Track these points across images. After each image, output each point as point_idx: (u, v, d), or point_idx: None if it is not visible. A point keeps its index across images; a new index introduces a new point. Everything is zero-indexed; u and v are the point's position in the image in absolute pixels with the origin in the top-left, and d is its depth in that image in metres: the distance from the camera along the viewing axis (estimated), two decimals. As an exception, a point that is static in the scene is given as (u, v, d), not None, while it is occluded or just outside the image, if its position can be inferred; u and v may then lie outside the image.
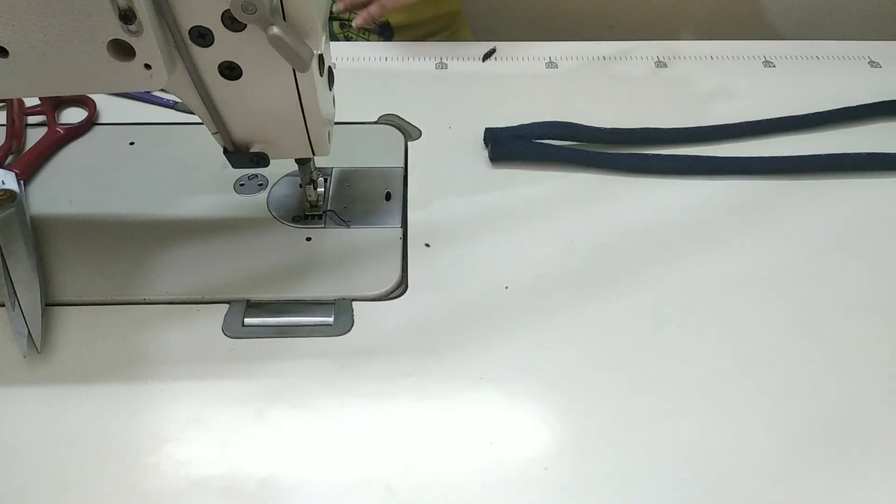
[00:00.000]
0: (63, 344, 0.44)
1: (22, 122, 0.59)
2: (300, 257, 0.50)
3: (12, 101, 0.59)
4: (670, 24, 1.07)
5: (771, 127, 0.62)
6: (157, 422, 0.41)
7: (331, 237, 0.52)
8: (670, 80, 0.68)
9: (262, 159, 0.46)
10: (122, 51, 0.37)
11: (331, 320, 0.46)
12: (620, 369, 0.44)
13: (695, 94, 0.66)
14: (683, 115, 0.63)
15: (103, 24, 0.35)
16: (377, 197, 0.55)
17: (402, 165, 0.58)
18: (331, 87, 0.47)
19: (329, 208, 0.54)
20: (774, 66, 0.70)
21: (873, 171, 0.58)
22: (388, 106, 0.60)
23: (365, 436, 0.41)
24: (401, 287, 0.49)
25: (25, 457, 0.39)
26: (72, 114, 0.62)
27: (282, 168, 0.56)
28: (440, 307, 0.47)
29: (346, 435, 0.41)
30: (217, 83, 0.41)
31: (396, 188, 0.55)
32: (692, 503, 0.38)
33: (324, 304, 0.47)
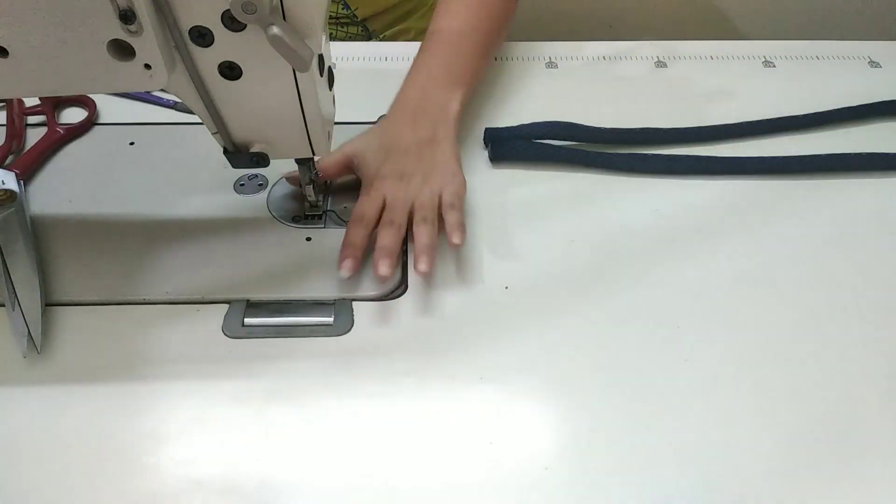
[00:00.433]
0: (63, 344, 0.44)
1: (22, 122, 0.59)
2: (300, 257, 0.50)
3: (12, 101, 0.59)
4: (670, 24, 1.07)
5: (770, 127, 0.62)
6: (157, 422, 0.41)
7: (331, 237, 0.51)
8: (670, 80, 0.68)
9: (262, 159, 0.46)
10: (122, 51, 0.37)
11: (331, 320, 0.46)
12: (620, 369, 0.44)
13: (695, 94, 0.66)
14: (683, 115, 0.63)
15: (103, 24, 0.35)
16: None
17: (402, 165, 0.58)
18: (331, 87, 0.47)
19: (329, 208, 0.54)
20: (774, 66, 0.70)
21: (873, 171, 0.58)
22: (388, 106, 0.59)
23: (365, 436, 0.41)
24: (401, 287, 0.49)
25: (25, 457, 0.39)
26: (72, 114, 0.62)
27: (282, 168, 0.56)
28: (440, 307, 0.47)
29: (346, 435, 0.41)
30: (217, 83, 0.41)
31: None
32: (692, 503, 0.38)
33: (324, 304, 0.47)
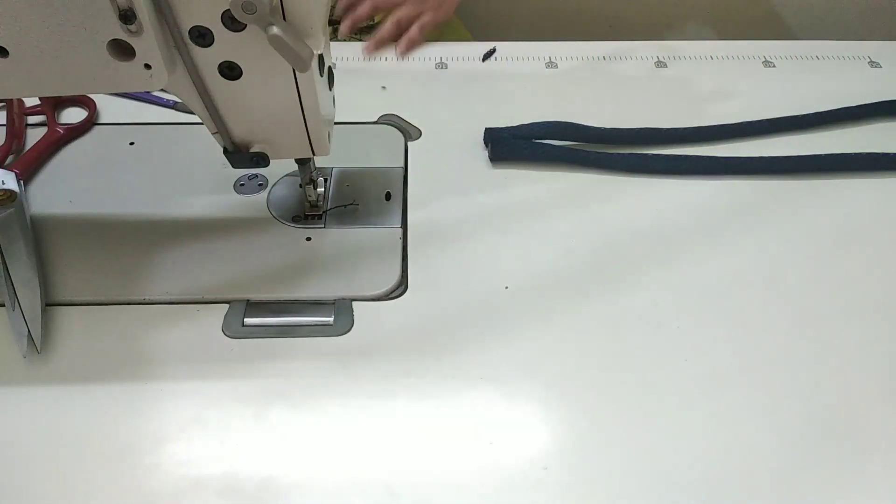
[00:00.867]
0: (63, 344, 0.44)
1: (22, 122, 0.59)
2: (300, 257, 0.50)
3: (12, 101, 0.59)
4: (670, 24, 1.07)
5: (770, 127, 0.62)
6: (157, 422, 0.41)
7: (331, 237, 0.51)
8: (670, 80, 0.68)
9: (262, 159, 0.46)
10: (122, 51, 0.37)
11: (331, 320, 0.46)
12: (620, 369, 0.44)
13: (695, 94, 0.66)
14: (683, 115, 0.63)
15: (103, 24, 0.35)
16: (377, 197, 0.55)
17: (402, 165, 0.58)
18: (331, 87, 0.47)
19: (329, 208, 0.54)
20: (774, 66, 0.70)
21: (874, 171, 0.58)
22: (388, 106, 0.60)
23: (365, 436, 0.41)
24: (401, 287, 0.49)
25: (25, 457, 0.39)
26: (72, 114, 0.62)
27: (282, 168, 0.56)
28: (440, 307, 0.47)
29: (346, 435, 0.41)
30: (217, 83, 0.41)
31: (396, 188, 0.55)
32: (692, 502, 0.38)
33: (324, 304, 0.47)
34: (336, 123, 0.49)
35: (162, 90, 0.40)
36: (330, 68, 0.46)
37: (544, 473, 0.39)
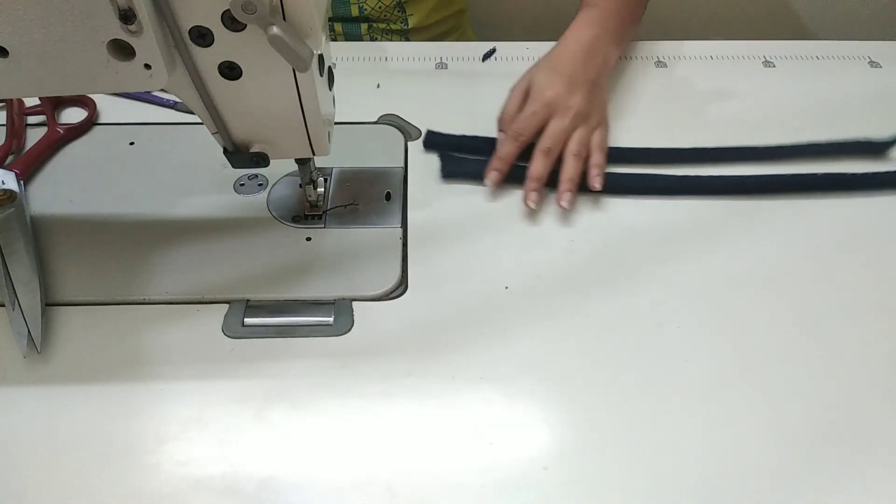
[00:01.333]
0: (63, 344, 0.44)
1: (22, 122, 0.59)
2: (300, 257, 0.50)
3: (12, 101, 0.59)
4: (670, 24, 1.07)
5: (742, 155, 0.59)
6: (157, 422, 0.41)
7: (331, 237, 0.51)
8: (670, 80, 0.68)
9: (262, 159, 0.46)
10: (122, 51, 0.37)
11: (331, 320, 0.46)
12: (620, 369, 0.44)
13: (695, 94, 0.66)
14: (683, 115, 0.63)
15: (103, 24, 0.35)
16: (377, 197, 0.55)
17: (402, 165, 0.58)
18: (331, 87, 0.47)
19: (329, 208, 0.54)
20: (774, 66, 0.70)
21: (866, 191, 0.56)
22: (388, 106, 0.59)
23: (365, 436, 0.41)
24: (401, 287, 0.49)
25: (25, 457, 0.39)
26: (72, 114, 0.62)
27: (282, 168, 0.56)
28: (440, 307, 0.47)
29: (346, 435, 0.41)
30: (217, 83, 0.41)
31: (396, 188, 0.55)
32: (692, 503, 0.38)
33: (324, 304, 0.47)
34: (336, 123, 0.49)
35: (162, 90, 0.40)
36: (330, 68, 0.46)
37: (544, 473, 0.39)
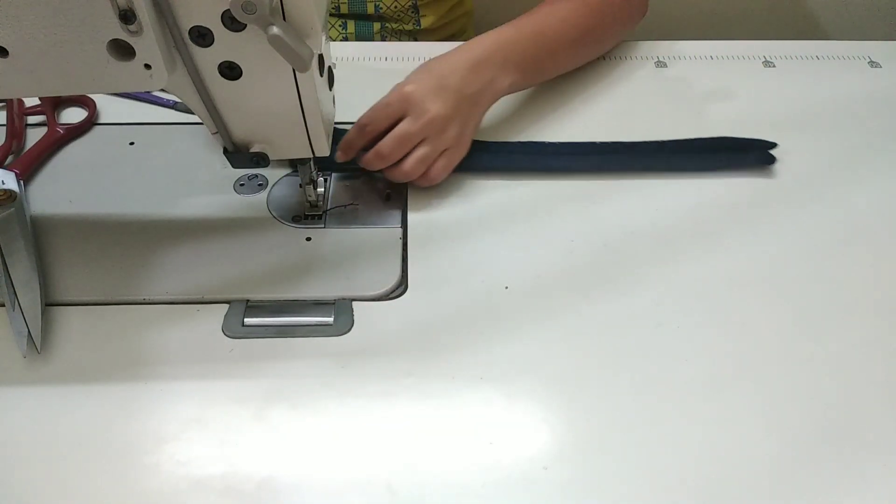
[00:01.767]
0: (63, 344, 0.44)
1: (22, 122, 0.59)
2: (300, 257, 0.50)
3: (12, 101, 0.59)
4: (670, 24, 1.07)
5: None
6: (157, 422, 0.41)
7: (331, 237, 0.51)
8: (670, 80, 0.68)
9: (262, 159, 0.46)
10: (122, 51, 0.37)
11: (331, 320, 0.46)
12: (620, 369, 0.44)
13: (695, 94, 0.66)
14: (683, 115, 0.63)
15: (103, 24, 0.35)
16: (377, 197, 0.55)
17: (402, 165, 0.58)
18: (331, 87, 0.47)
19: (329, 208, 0.54)
20: (774, 66, 0.70)
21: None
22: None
23: (365, 436, 0.41)
24: (401, 287, 0.49)
25: (25, 457, 0.39)
26: (72, 114, 0.62)
27: (282, 168, 0.56)
28: (440, 307, 0.47)
29: (346, 435, 0.41)
30: (217, 83, 0.41)
31: (396, 188, 0.55)
32: (692, 503, 0.38)
33: (324, 304, 0.47)
34: (336, 123, 0.49)
35: (162, 90, 0.40)
36: (330, 68, 0.46)
37: (544, 473, 0.39)
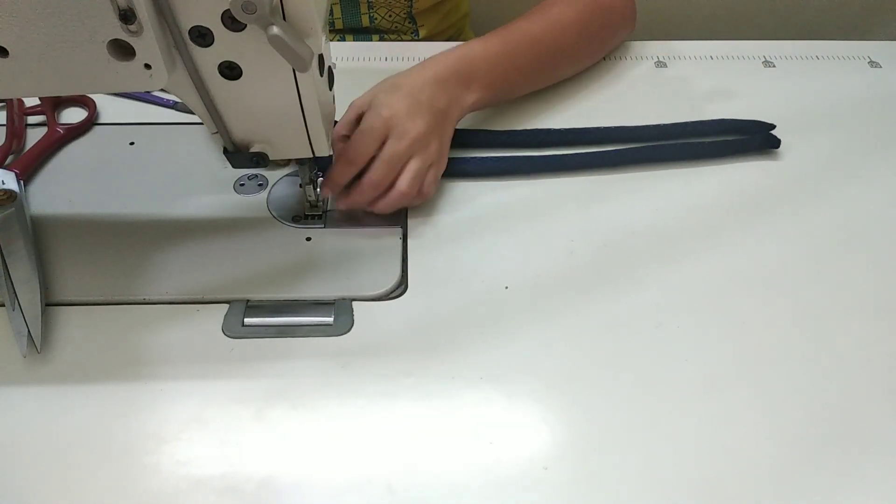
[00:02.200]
0: (63, 344, 0.44)
1: (22, 122, 0.59)
2: (300, 257, 0.50)
3: (12, 101, 0.59)
4: (670, 24, 1.07)
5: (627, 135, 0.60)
6: (157, 422, 0.41)
7: (331, 237, 0.51)
8: (670, 80, 0.68)
9: (262, 159, 0.46)
10: (122, 51, 0.37)
11: (331, 320, 0.46)
12: (620, 369, 0.44)
13: (695, 94, 0.66)
14: (683, 115, 0.63)
15: (103, 24, 0.35)
16: (377, 197, 0.55)
17: (402, 165, 0.58)
18: (331, 87, 0.47)
19: (329, 208, 0.54)
20: (774, 66, 0.70)
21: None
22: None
23: (365, 436, 0.41)
24: (401, 287, 0.49)
25: (25, 457, 0.39)
26: (72, 114, 0.62)
27: (282, 168, 0.56)
28: (440, 307, 0.47)
29: (346, 435, 0.41)
30: (217, 83, 0.41)
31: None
32: (692, 503, 0.38)
33: (324, 304, 0.47)
34: (336, 123, 0.49)
35: (162, 90, 0.40)
36: (330, 68, 0.46)
37: (544, 473, 0.39)
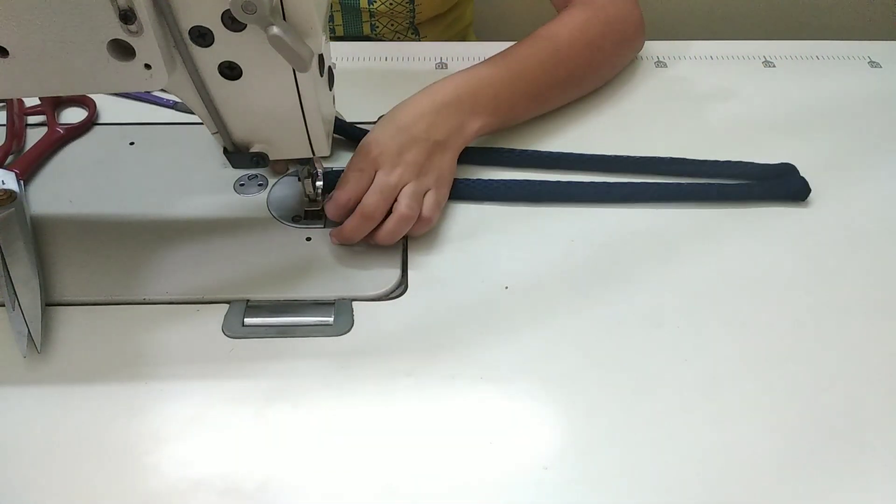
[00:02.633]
0: (63, 344, 0.44)
1: (22, 122, 0.59)
2: (300, 257, 0.50)
3: (12, 101, 0.59)
4: (670, 24, 1.07)
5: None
6: (157, 422, 0.41)
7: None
8: (670, 80, 0.68)
9: (262, 159, 0.46)
10: (122, 51, 0.37)
11: (331, 320, 0.46)
12: (620, 369, 0.44)
13: (695, 94, 0.66)
14: (683, 116, 0.63)
15: (103, 24, 0.35)
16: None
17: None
18: (331, 87, 0.47)
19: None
20: (774, 66, 0.70)
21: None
22: (388, 106, 0.59)
23: (365, 436, 0.41)
24: (401, 287, 0.49)
25: (25, 457, 0.39)
26: (72, 114, 0.62)
27: (280, 175, 0.56)
28: (440, 307, 0.47)
29: (347, 435, 0.41)
30: (217, 83, 0.41)
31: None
32: (692, 503, 0.38)
33: (324, 304, 0.47)
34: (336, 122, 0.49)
35: (162, 90, 0.40)
36: (330, 68, 0.46)
37: (544, 473, 0.39)
